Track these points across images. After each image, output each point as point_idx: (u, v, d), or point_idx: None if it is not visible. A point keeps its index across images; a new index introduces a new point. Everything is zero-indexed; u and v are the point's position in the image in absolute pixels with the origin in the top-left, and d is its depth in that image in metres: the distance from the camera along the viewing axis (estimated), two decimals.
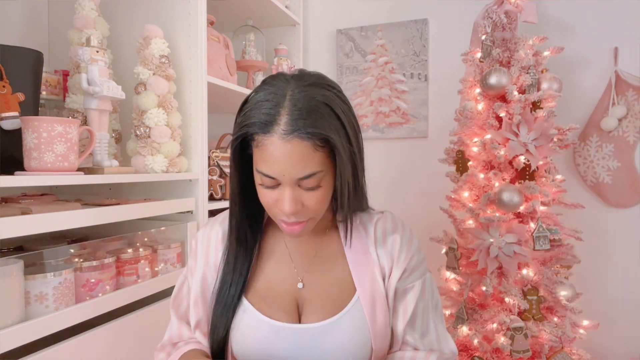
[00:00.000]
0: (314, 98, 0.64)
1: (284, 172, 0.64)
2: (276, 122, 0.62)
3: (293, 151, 0.62)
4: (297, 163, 0.63)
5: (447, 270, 1.66)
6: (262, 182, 0.67)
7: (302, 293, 0.75)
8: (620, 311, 1.85)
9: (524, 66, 1.53)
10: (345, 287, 0.75)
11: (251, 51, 1.90)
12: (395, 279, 0.75)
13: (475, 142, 1.57)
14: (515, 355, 1.38)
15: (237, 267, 0.76)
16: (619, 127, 1.82)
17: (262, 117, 0.63)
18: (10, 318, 0.87)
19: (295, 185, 0.66)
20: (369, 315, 0.72)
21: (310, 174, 0.64)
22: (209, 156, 1.54)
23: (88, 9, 1.24)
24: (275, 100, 0.64)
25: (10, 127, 0.99)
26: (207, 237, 0.81)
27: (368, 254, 0.77)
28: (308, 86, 0.65)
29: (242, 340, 0.73)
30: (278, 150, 0.63)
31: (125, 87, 1.23)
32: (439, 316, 0.81)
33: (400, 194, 2.12)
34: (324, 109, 0.64)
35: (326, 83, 0.68)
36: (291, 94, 0.64)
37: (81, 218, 1.02)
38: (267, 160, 0.64)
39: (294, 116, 0.62)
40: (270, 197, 0.68)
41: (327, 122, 0.64)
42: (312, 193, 0.67)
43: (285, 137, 0.62)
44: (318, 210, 0.70)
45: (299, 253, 0.79)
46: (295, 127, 0.62)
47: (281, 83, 0.66)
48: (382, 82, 2.16)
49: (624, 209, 1.85)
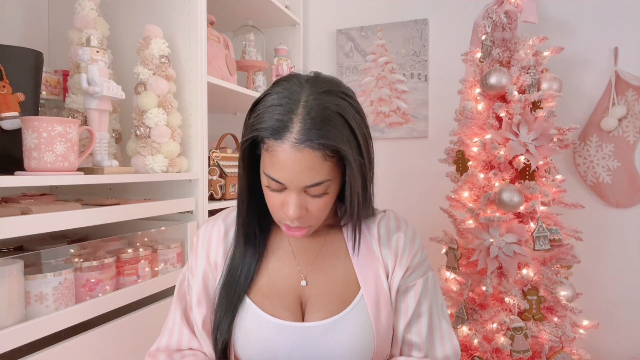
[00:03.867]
0: (327, 107, 0.64)
1: (292, 179, 0.64)
2: (288, 129, 0.62)
3: (303, 160, 0.63)
4: (306, 171, 0.64)
5: (447, 270, 1.66)
6: (269, 184, 0.68)
7: (306, 291, 0.75)
8: (620, 311, 1.85)
9: (524, 66, 1.53)
10: (349, 285, 0.75)
11: (251, 51, 1.90)
12: (398, 277, 0.75)
13: (475, 142, 1.57)
14: (515, 355, 1.38)
15: (245, 265, 0.75)
16: (619, 127, 1.82)
17: (274, 123, 0.63)
18: (10, 318, 0.87)
19: (301, 191, 0.66)
20: (372, 314, 0.72)
21: (318, 183, 0.65)
22: (209, 156, 1.54)
23: (88, 9, 1.24)
24: (289, 106, 0.64)
25: (10, 127, 0.99)
26: (209, 234, 0.80)
27: (372, 253, 0.77)
28: (322, 93, 0.65)
29: (245, 339, 0.73)
30: (288, 158, 0.63)
31: (125, 87, 1.23)
32: (443, 314, 0.80)
33: (400, 194, 2.12)
34: (337, 119, 0.64)
35: (341, 91, 0.68)
36: (305, 100, 0.64)
37: (81, 218, 1.02)
38: (277, 166, 0.64)
39: (306, 125, 0.62)
40: (276, 199, 0.68)
41: (339, 133, 0.63)
42: (317, 200, 0.68)
43: (296, 146, 0.62)
44: (320, 217, 0.71)
45: (302, 251, 0.79)
46: (308, 137, 0.62)
47: (295, 87, 0.66)
48: (382, 82, 2.16)
49: (624, 209, 1.85)
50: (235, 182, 1.60)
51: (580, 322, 1.53)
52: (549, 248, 1.45)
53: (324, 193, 0.68)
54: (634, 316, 1.84)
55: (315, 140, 0.62)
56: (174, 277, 1.30)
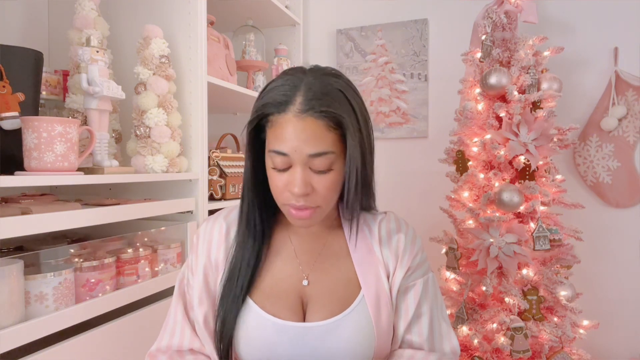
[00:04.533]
0: (329, 84, 0.68)
1: (296, 148, 0.66)
2: (291, 102, 0.66)
3: (306, 128, 0.65)
4: (310, 139, 0.66)
5: (447, 270, 1.66)
6: (274, 164, 0.69)
7: (307, 290, 0.75)
8: (620, 311, 1.85)
9: (524, 66, 1.53)
10: (350, 285, 0.75)
11: (251, 51, 1.90)
12: (399, 277, 0.76)
13: (475, 142, 1.57)
14: (515, 355, 1.38)
15: (247, 265, 0.75)
16: (619, 127, 1.82)
17: (277, 98, 0.67)
18: (10, 318, 0.87)
19: (306, 166, 0.67)
20: (373, 314, 0.73)
21: (322, 152, 0.66)
22: (209, 156, 1.54)
23: (88, 9, 1.24)
24: (292, 83, 0.68)
25: (10, 127, 0.99)
26: (210, 232, 0.80)
27: (372, 253, 0.77)
28: (323, 75, 0.70)
29: (246, 339, 0.72)
30: (292, 127, 0.65)
31: (125, 87, 1.23)
32: (442, 315, 0.81)
33: (400, 194, 2.12)
34: (338, 94, 0.68)
35: (340, 74, 0.72)
36: (307, 80, 0.68)
37: (81, 218, 1.02)
38: (280, 138, 0.66)
39: (308, 97, 0.66)
40: (280, 180, 0.69)
41: (340, 105, 0.67)
42: (323, 177, 0.69)
43: (299, 115, 0.65)
44: (327, 198, 0.70)
45: (304, 251, 0.79)
46: (310, 106, 0.65)
47: (299, 73, 0.70)
48: (382, 82, 2.16)
49: (624, 209, 1.85)
50: (235, 182, 1.61)
51: (580, 322, 1.53)
52: (549, 248, 1.45)
53: (328, 169, 0.68)
54: (634, 316, 1.84)
55: (317, 108, 0.65)
56: (174, 277, 1.30)
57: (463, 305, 1.53)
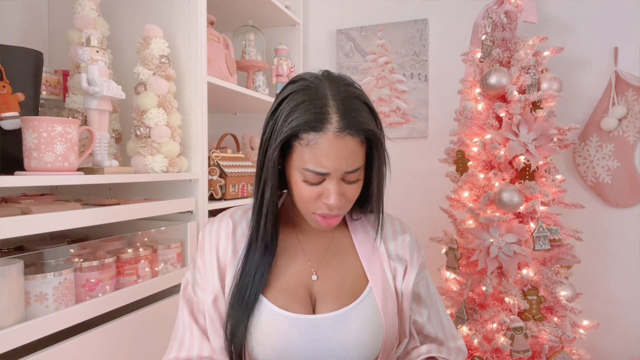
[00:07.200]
0: (354, 97, 0.70)
1: (337, 167, 0.68)
2: (328, 120, 0.67)
3: (347, 147, 0.67)
4: (349, 157, 0.68)
5: (447, 270, 1.66)
6: (305, 178, 0.70)
7: (316, 285, 0.77)
8: (620, 311, 1.85)
9: (524, 66, 1.53)
10: (357, 278, 0.78)
11: (251, 51, 1.90)
12: (412, 279, 0.80)
13: (475, 142, 1.57)
14: (515, 355, 1.38)
15: (259, 266, 0.75)
16: (619, 127, 1.82)
17: (310, 117, 0.67)
18: (10, 318, 0.87)
19: (340, 179, 0.70)
20: (381, 305, 0.76)
21: (357, 168, 0.70)
22: (209, 156, 1.54)
23: (88, 9, 1.24)
24: (319, 100, 0.68)
25: (10, 127, 0.99)
26: (217, 230, 0.80)
27: (377, 249, 0.81)
28: (344, 86, 0.71)
29: (260, 336, 0.72)
30: (334, 146, 0.67)
31: (125, 87, 1.23)
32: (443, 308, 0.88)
33: (400, 194, 2.12)
34: (364, 107, 0.70)
35: (354, 82, 0.74)
36: (331, 93, 0.69)
37: (81, 218, 1.02)
38: (320, 157, 0.67)
39: (343, 114, 0.67)
40: (313, 192, 0.71)
41: (369, 119, 0.70)
42: (352, 186, 0.72)
43: (339, 134, 0.67)
44: (352, 203, 0.75)
45: (311, 247, 0.81)
46: (346, 124, 0.67)
47: (313, 84, 0.70)
48: (382, 82, 2.16)
49: (624, 209, 1.85)
50: (235, 182, 1.60)
51: (580, 322, 1.53)
52: (549, 248, 1.45)
53: (357, 179, 0.72)
54: (634, 316, 1.84)
55: (355, 127, 0.67)
56: (174, 277, 1.30)
57: (463, 305, 1.53)
